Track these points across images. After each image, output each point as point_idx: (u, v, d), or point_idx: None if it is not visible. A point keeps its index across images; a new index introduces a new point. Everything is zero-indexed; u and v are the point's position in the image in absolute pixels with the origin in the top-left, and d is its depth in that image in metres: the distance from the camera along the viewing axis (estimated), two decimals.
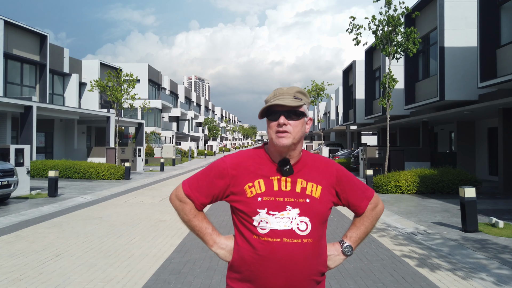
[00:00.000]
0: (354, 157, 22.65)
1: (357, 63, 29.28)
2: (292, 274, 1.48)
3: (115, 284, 4.37)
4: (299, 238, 1.49)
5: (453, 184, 12.09)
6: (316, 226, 1.53)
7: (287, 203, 1.52)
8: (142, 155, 22.38)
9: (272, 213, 1.51)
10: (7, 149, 11.16)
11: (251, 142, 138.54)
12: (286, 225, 1.50)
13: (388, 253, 5.76)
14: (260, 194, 1.54)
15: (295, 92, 1.55)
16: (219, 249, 1.63)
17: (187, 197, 1.63)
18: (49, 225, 7.60)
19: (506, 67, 12.15)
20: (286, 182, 1.56)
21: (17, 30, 21.43)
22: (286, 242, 1.49)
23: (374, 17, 13.21)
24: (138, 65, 38.87)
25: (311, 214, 1.53)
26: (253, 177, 1.57)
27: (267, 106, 1.54)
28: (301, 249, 1.49)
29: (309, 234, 1.51)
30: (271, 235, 1.50)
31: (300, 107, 1.54)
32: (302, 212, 1.52)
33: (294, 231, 1.50)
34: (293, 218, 1.51)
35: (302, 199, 1.54)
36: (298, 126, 1.54)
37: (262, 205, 1.52)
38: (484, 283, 4.49)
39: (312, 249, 1.51)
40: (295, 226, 1.50)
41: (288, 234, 1.49)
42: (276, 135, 1.53)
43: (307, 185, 1.57)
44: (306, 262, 1.50)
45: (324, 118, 52.39)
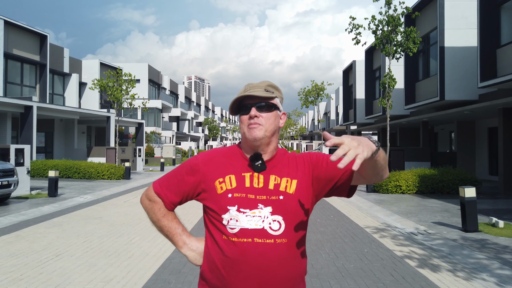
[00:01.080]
0: None
1: (357, 63, 29.28)
2: (265, 279, 1.37)
3: (115, 284, 4.37)
4: (272, 238, 1.38)
5: (453, 184, 12.09)
6: (291, 225, 1.41)
7: (259, 201, 1.42)
8: (142, 155, 22.39)
9: (243, 210, 1.40)
10: (7, 149, 11.16)
11: None
12: (258, 224, 1.39)
13: (388, 253, 5.75)
14: (231, 190, 1.44)
15: (266, 85, 1.49)
16: (189, 251, 1.55)
17: (157, 196, 1.55)
18: (49, 225, 7.60)
19: (506, 67, 12.14)
20: (258, 178, 1.46)
21: (17, 30, 21.43)
22: (257, 242, 1.38)
23: (374, 17, 13.21)
24: (138, 65, 38.88)
25: (285, 212, 1.41)
26: (224, 172, 1.48)
27: (237, 99, 1.47)
28: (275, 250, 1.38)
29: (282, 234, 1.39)
30: (241, 235, 1.39)
31: (271, 99, 1.47)
32: (274, 211, 1.41)
33: (266, 230, 1.39)
34: (265, 216, 1.40)
35: (275, 197, 1.43)
36: (271, 119, 1.46)
37: (233, 201, 1.42)
38: (485, 283, 4.49)
39: (287, 250, 1.40)
40: (267, 225, 1.39)
41: (260, 234, 1.38)
42: (247, 128, 1.45)
43: (281, 181, 1.46)
44: (281, 265, 1.38)
45: (324, 118, 52.39)
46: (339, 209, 9.78)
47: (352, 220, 8.33)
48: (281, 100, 1.55)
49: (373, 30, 13.27)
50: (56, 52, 25.30)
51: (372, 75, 25.73)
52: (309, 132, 70.14)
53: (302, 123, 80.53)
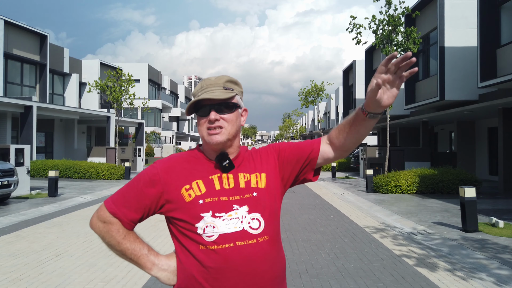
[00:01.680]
0: (354, 157, 22.66)
1: (357, 63, 29.27)
2: (254, 281, 1.30)
3: (115, 284, 4.38)
4: (254, 238, 1.32)
5: (453, 184, 12.09)
6: (269, 220, 1.36)
7: (233, 201, 1.35)
8: (142, 155, 22.39)
9: (219, 215, 1.32)
10: (7, 149, 11.17)
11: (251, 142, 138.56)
12: (237, 226, 1.32)
13: (388, 253, 5.76)
14: (201, 196, 1.35)
15: (224, 82, 1.39)
16: (160, 272, 1.39)
17: (112, 216, 1.37)
18: (49, 225, 7.60)
19: (506, 67, 12.14)
20: (228, 179, 1.38)
21: (17, 30, 21.44)
22: (240, 245, 1.30)
23: (375, 17, 13.21)
24: (138, 65, 38.89)
25: (262, 209, 1.36)
26: (190, 178, 1.38)
27: (193, 101, 1.36)
28: (259, 250, 1.32)
29: (263, 232, 1.34)
30: (220, 241, 1.30)
31: (232, 99, 1.38)
32: (251, 209, 1.35)
33: (247, 231, 1.32)
34: (242, 217, 1.33)
35: (249, 194, 1.36)
36: (233, 120, 1.38)
37: (205, 207, 1.33)
38: (484, 283, 4.49)
39: (270, 247, 1.34)
40: (246, 225, 1.32)
41: (241, 236, 1.31)
42: (207, 133, 1.36)
43: (251, 177, 1.40)
44: (267, 264, 1.32)
45: (324, 118, 52.39)
46: (339, 209, 9.78)
47: (352, 220, 8.33)
48: (241, 94, 1.45)
49: (374, 30, 13.28)
50: (56, 52, 25.30)
51: (372, 75, 25.68)
52: (309, 132, 70.14)
53: (302, 123, 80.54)
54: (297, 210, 9.49)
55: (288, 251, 5.79)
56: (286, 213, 9.04)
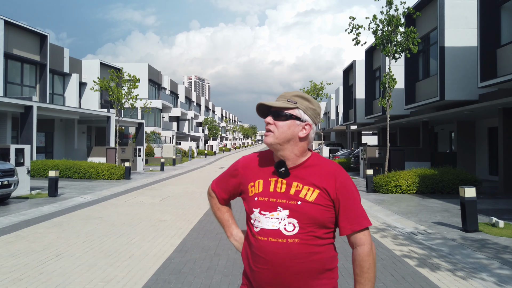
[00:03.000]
0: (354, 157, 22.66)
1: (357, 63, 29.27)
2: (278, 271, 1.53)
3: (115, 284, 4.37)
4: (285, 238, 1.53)
5: (453, 184, 12.09)
6: (305, 227, 1.53)
7: (279, 204, 1.56)
8: (142, 155, 22.39)
9: (264, 213, 1.57)
10: (7, 149, 11.16)
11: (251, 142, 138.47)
12: (274, 225, 1.55)
13: (388, 253, 5.76)
14: (257, 194, 1.61)
15: (291, 95, 1.60)
16: (234, 241, 1.80)
17: (213, 192, 1.85)
18: (49, 225, 7.60)
19: (506, 66, 12.14)
20: (282, 184, 1.59)
21: (17, 30, 21.43)
22: (271, 241, 1.54)
23: (375, 17, 13.20)
24: (138, 65, 38.87)
25: (300, 216, 1.53)
26: (256, 177, 1.65)
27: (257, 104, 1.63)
28: (286, 248, 1.52)
29: (295, 235, 1.52)
30: (261, 233, 1.57)
31: (287, 109, 1.57)
32: (291, 214, 1.54)
33: (281, 231, 1.54)
34: (282, 218, 1.54)
35: (294, 201, 1.55)
36: (284, 128, 1.56)
37: (257, 204, 1.60)
38: (485, 283, 4.49)
39: (298, 249, 1.52)
40: (282, 226, 1.54)
41: (275, 234, 1.54)
42: (264, 134, 1.63)
43: (303, 189, 1.57)
44: (292, 261, 1.52)
45: (324, 118, 52.38)
46: None
47: None
48: (309, 109, 1.60)
49: (373, 30, 13.27)
50: (56, 52, 25.29)
51: (372, 75, 25.73)
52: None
53: None
54: None
55: None
56: None
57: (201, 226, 7.55)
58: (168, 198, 11.55)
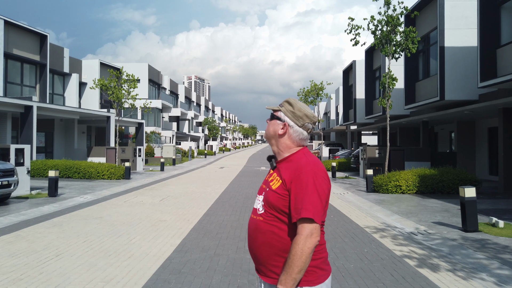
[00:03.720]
0: (354, 157, 22.65)
1: (357, 63, 29.26)
2: (250, 241, 1.93)
3: (115, 284, 4.38)
4: (256, 216, 1.91)
5: (453, 184, 12.09)
6: (267, 210, 1.85)
7: (263, 189, 1.94)
8: (142, 155, 22.38)
9: (257, 195, 1.98)
10: (7, 149, 11.16)
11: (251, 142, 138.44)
12: (256, 206, 1.94)
13: (388, 253, 5.76)
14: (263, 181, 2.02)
15: (283, 101, 1.97)
16: None
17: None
18: (49, 225, 7.60)
19: (506, 66, 12.14)
20: (270, 174, 1.95)
21: (17, 30, 21.43)
22: (251, 217, 1.95)
23: (373, 17, 13.21)
24: (138, 65, 38.86)
25: (265, 200, 1.87)
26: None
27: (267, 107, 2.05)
28: (254, 223, 1.89)
29: (261, 214, 1.88)
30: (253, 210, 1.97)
31: (275, 112, 1.96)
32: (263, 198, 1.90)
33: (257, 210, 1.92)
34: (260, 201, 1.91)
35: (266, 187, 1.91)
36: (269, 126, 1.97)
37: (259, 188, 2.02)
38: (485, 283, 4.49)
39: (261, 225, 1.85)
40: (258, 206, 1.92)
41: (254, 212, 1.94)
42: None
43: (275, 178, 1.88)
44: (256, 234, 1.87)
45: (324, 118, 52.37)
46: (339, 209, 9.78)
47: (352, 220, 8.33)
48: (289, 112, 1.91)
49: (372, 30, 13.28)
50: (56, 52, 25.29)
51: (372, 75, 25.73)
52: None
53: None
54: None
55: None
56: None
57: (201, 226, 7.55)
58: (168, 198, 11.55)
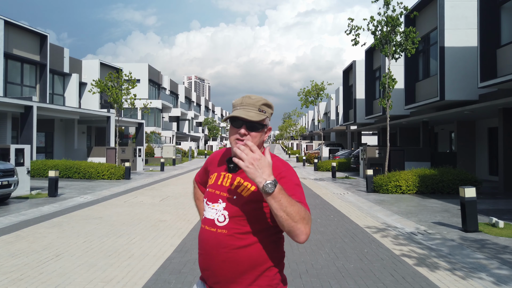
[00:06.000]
0: (354, 157, 22.66)
1: (357, 63, 29.27)
2: (208, 257, 1.64)
3: (115, 284, 4.38)
4: (215, 228, 1.63)
5: (453, 184, 12.09)
6: (235, 221, 1.60)
7: (220, 196, 1.67)
8: (142, 155, 22.39)
9: (208, 203, 1.69)
10: (7, 149, 11.16)
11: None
12: (212, 215, 1.66)
13: (388, 253, 5.76)
14: (210, 185, 1.74)
15: (260, 104, 1.65)
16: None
17: (195, 182, 2.08)
18: (49, 225, 7.60)
19: (506, 67, 12.14)
20: (228, 178, 1.69)
21: (17, 30, 21.43)
22: (206, 229, 1.67)
23: (373, 18, 13.22)
24: (138, 65, 38.87)
25: (232, 210, 1.62)
26: (215, 170, 1.78)
27: (231, 115, 1.64)
28: (214, 238, 1.62)
29: (224, 226, 1.61)
30: (203, 221, 1.71)
31: (262, 121, 1.65)
32: (226, 207, 1.64)
33: (214, 221, 1.64)
34: (219, 210, 1.65)
35: (231, 196, 1.64)
36: (257, 137, 1.65)
37: (206, 195, 1.73)
38: (484, 283, 4.49)
39: (224, 240, 1.60)
40: (217, 217, 1.64)
41: (210, 223, 1.66)
42: (235, 142, 1.64)
43: (243, 184, 1.64)
44: (217, 250, 1.61)
45: (324, 118, 52.38)
46: (339, 209, 9.78)
47: (352, 220, 8.33)
48: (270, 115, 1.72)
49: (372, 31, 13.29)
50: (56, 52, 25.29)
51: (372, 75, 25.73)
52: (309, 132, 70.11)
53: (302, 123, 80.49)
54: None
55: (288, 251, 5.79)
56: None
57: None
58: (168, 198, 11.55)
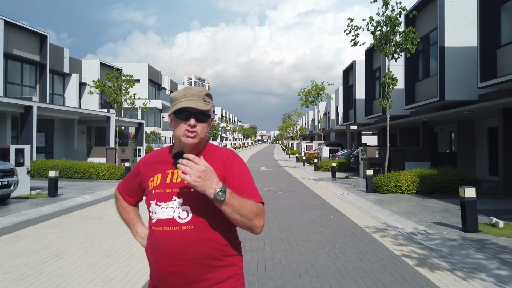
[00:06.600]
0: (354, 157, 22.65)
1: (357, 63, 29.26)
2: (173, 259, 1.55)
3: (115, 284, 4.38)
4: (178, 226, 1.56)
5: (453, 184, 12.09)
6: (199, 214, 1.57)
7: (173, 194, 1.60)
8: (142, 155, 22.39)
9: (159, 203, 1.61)
10: (7, 149, 11.16)
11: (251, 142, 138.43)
12: (169, 215, 1.58)
13: (388, 253, 5.76)
14: (155, 187, 1.65)
15: (204, 95, 1.64)
16: (139, 238, 1.83)
17: (118, 194, 1.90)
18: (49, 225, 7.60)
19: (506, 67, 12.14)
20: (177, 174, 1.62)
21: (17, 30, 21.43)
22: (166, 230, 1.57)
23: (372, 18, 13.23)
24: (138, 65, 38.88)
25: (193, 203, 1.58)
26: (155, 172, 1.69)
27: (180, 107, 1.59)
28: (179, 236, 1.55)
29: (189, 222, 1.56)
30: (156, 224, 1.61)
31: (208, 111, 1.64)
32: (184, 202, 1.59)
33: (175, 219, 1.57)
34: (176, 207, 1.58)
35: (187, 189, 1.59)
36: (206, 127, 1.65)
37: (154, 196, 1.64)
38: (484, 283, 4.50)
39: (192, 235, 1.55)
40: (176, 215, 1.57)
41: (169, 223, 1.57)
42: (185, 134, 1.61)
43: None
44: (186, 248, 1.55)
45: (324, 118, 52.38)
46: (339, 209, 9.78)
47: (352, 220, 8.33)
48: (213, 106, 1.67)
49: (372, 31, 13.29)
50: (56, 52, 25.29)
51: (372, 75, 25.74)
52: (309, 132, 70.12)
53: (302, 123, 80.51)
54: (297, 210, 9.49)
55: (288, 251, 5.80)
56: (286, 213, 9.04)
57: None
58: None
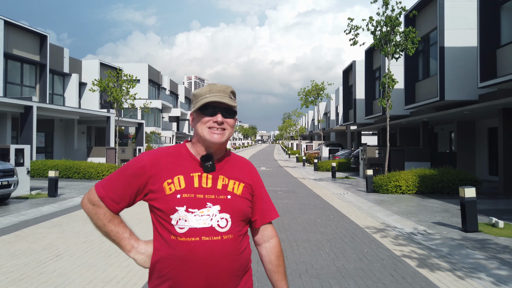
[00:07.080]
0: (354, 157, 22.65)
1: (357, 63, 29.27)
2: (213, 273, 1.42)
3: (115, 284, 4.38)
4: (219, 235, 1.44)
5: (453, 184, 12.09)
6: (237, 222, 1.49)
7: (208, 200, 1.47)
8: None
9: (192, 210, 1.44)
10: (7, 149, 11.16)
11: (251, 142, 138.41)
12: (206, 223, 1.44)
13: (388, 253, 5.76)
14: (180, 191, 1.46)
15: (229, 92, 1.52)
16: (137, 255, 1.52)
17: (100, 200, 1.51)
18: (49, 225, 7.60)
19: (506, 67, 12.14)
20: (207, 178, 1.50)
21: (17, 30, 21.43)
22: (205, 240, 1.42)
23: (372, 18, 13.23)
24: (138, 65, 38.87)
25: (232, 211, 1.48)
26: (173, 173, 1.49)
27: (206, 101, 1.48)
28: (221, 246, 1.44)
29: (229, 231, 1.46)
30: (188, 234, 1.42)
31: (235, 107, 1.55)
32: (223, 209, 1.47)
33: (214, 228, 1.44)
34: (213, 215, 1.45)
35: (224, 196, 1.49)
36: (233, 125, 1.54)
37: (181, 202, 1.45)
38: (484, 283, 4.50)
39: (232, 245, 1.46)
40: (215, 223, 1.45)
41: (208, 232, 1.43)
42: (209, 131, 1.49)
43: (229, 182, 1.53)
44: (227, 259, 1.44)
45: (324, 118, 52.38)
46: (339, 209, 9.78)
47: (352, 220, 8.33)
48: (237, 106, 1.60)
49: (372, 31, 13.29)
50: (56, 52, 25.30)
51: (372, 75, 25.74)
52: (309, 132, 70.12)
53: (302, 123, 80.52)
54: (297, 210, 9.49)
55: (288, 251, 5.80)
56: (286, 213, 9.04)
57: None
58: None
